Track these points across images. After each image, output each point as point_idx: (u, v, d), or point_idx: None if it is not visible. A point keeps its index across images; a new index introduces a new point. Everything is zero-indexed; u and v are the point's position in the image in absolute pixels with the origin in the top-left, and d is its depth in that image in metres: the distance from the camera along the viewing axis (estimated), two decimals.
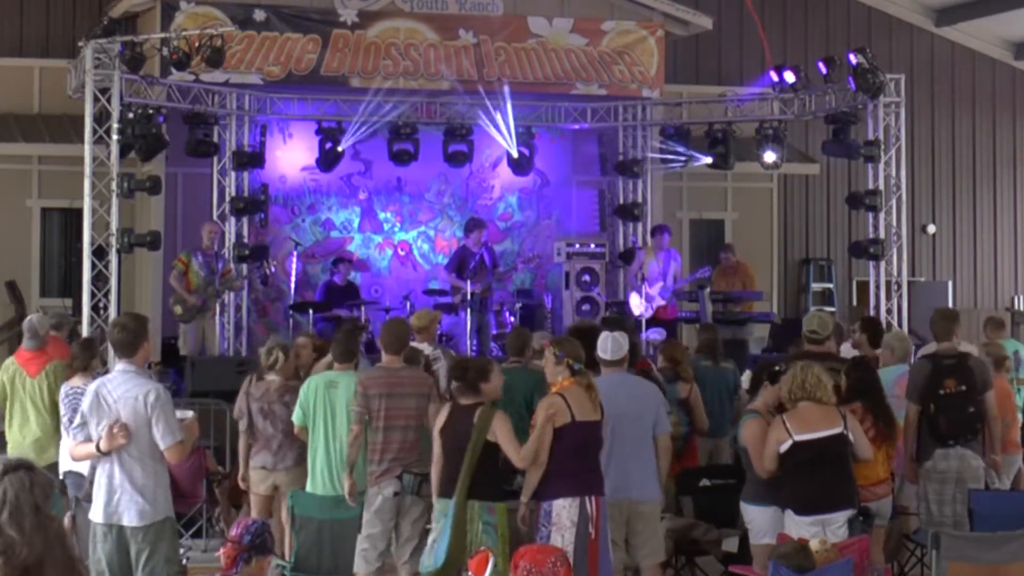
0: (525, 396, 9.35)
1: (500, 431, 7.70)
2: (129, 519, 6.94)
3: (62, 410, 9.20)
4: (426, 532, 8.48)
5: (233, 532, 5.95)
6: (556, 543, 7.34)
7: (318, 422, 8.92)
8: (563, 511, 7.56)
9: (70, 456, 7.89)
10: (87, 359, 9.51)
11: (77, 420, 7.33)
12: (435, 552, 7.68)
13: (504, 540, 7.71)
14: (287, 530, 9.54)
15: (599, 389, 7.95)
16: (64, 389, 9.32)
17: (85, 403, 7.11)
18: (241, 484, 9.83)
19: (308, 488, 9.00)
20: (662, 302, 16.58)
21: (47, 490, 2.77)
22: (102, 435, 6.95)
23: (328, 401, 8.92)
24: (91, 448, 7.04)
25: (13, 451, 10.19)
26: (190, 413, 7.35)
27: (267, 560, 6.00)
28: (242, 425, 9.66)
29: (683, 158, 17.92)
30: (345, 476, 8.57)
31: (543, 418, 7.67)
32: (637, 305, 16.88)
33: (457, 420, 7.80)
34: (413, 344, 10.47)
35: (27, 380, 10.00)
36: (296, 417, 9.11)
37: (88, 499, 7.16)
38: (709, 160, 17.91)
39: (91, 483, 7.17)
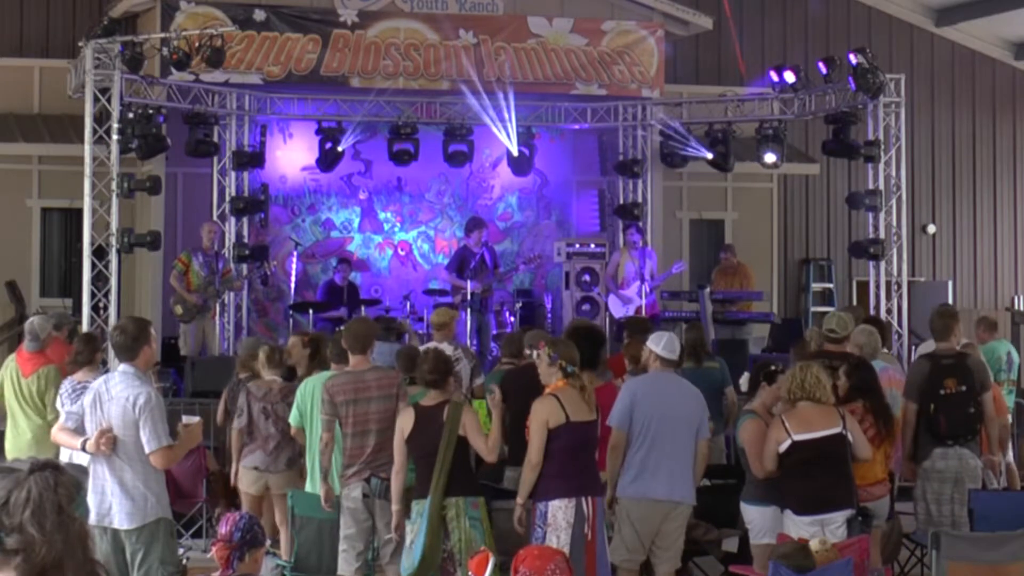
0: None
1: (469, 425, 7.82)
2: (120, 522, 6.95)
3: (67, 404, 9.20)
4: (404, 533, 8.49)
5: (222, 530, 5.91)
6: (551, 544, 7.34)
7: (315, 423, 8.92)
8: (559, 512, 7.56)
9: (51, 436, 7.83)
10: (90, 354, 9.51)
11: (75, 407, 7.34)
12: (412, 553, 7.69)
13: (488, 534, 7.76)
14: (282, 530, 9.58)
15: (651, 385, 8.11)
16: (68, 384, 9.32)
17: (87, 398, 7.14)
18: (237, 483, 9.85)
19: (307, 488, 9.01)
20: (640, 302, 16.59)
21: (71, 491, 2.77)
22: (91, 437, 6.97)
23: None
24: (75, 442, 7.06)
25: (11, 450, 10.22)
26: (196, 419, 7.33)
27: (261, 551, 5.98)
28: (239, 423, 9.65)
29: (690, 148, 17.83)
30: (320, 482, 8.58)
31: (537, 420, 7.67)
32: (616, 307, 16.92)
33: (425, 423, 7.82)
34: (433, 344, 10.49)
35: (20, 380, 10.05)
36: (293, 419, 9.13)
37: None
38: (710, 156, 17.88)
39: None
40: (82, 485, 2.83)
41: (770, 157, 17.53)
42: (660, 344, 8.33)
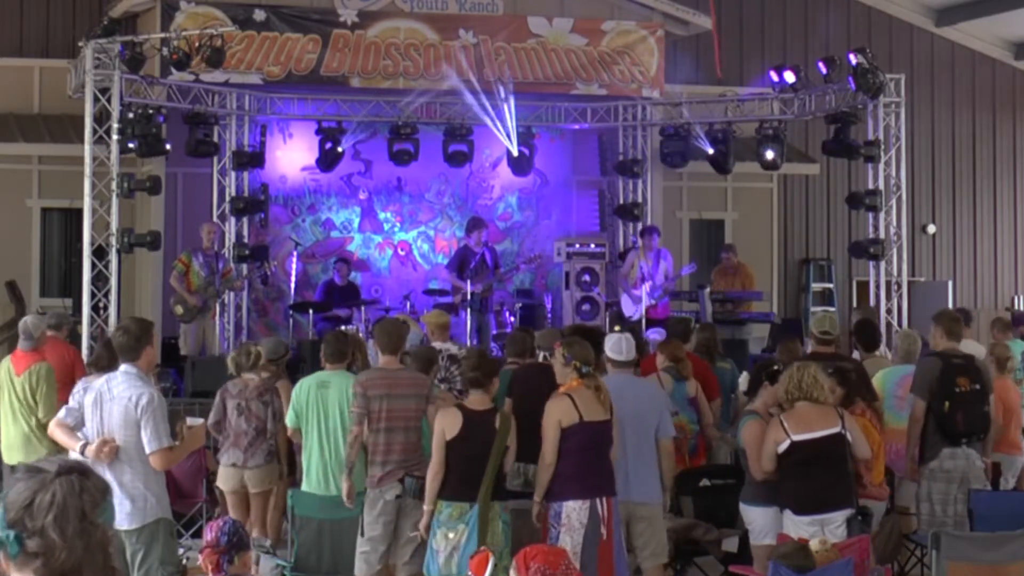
0: None
1: (513, 437, 7.85)
2: (120, 522, 6.94)
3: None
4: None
5: (208, 537, 5.95)
6: (565, 544, 7.35)
7: (311, 423, 8.93)
8: (573, 512, 7.57)
9: (48, 431, 7.77)
10: (111, 359, 9.50)
11: (74, 403, 7.32)
12: (460, 559, 7.63)
13: (510, 539, 7.80)
14: (268, 527, 9.61)
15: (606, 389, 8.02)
16: (81, 384, 9.32)
17: (89, 397, 7.11)
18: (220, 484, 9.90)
19: (303, 488, 9.01)
20: (651, 302, 16.59)
21: (96, 497, 2.75)
22: (92, 442, 6.95)
23: (320, 401, 8.94)
24: (74, 443, 7.05)
25: (4, 449, 10.23)
26: (199, 420, 7.34)
27: (248, 555, 6.02)
28: (210, 420, 9.63)
29: (695, 141, 17.81)
30: (344, 478, 8.51)
31: (550, 420, 7.68)
32: (627, 306, 16.92)
33: (474, 428, 7.80)
34: (436, 344, 10.51)
35: (14, 378, 10.09)
36: (289, 420, 9.14)
37: None
38: (711, 151, 17.87)
39: None
40: (109, 490, 2.81)
41: (770, 155, 17.52)
42: (608, 346, 8.34)
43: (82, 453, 7.00)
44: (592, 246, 18.27)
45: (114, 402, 6.98)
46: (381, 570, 8.40)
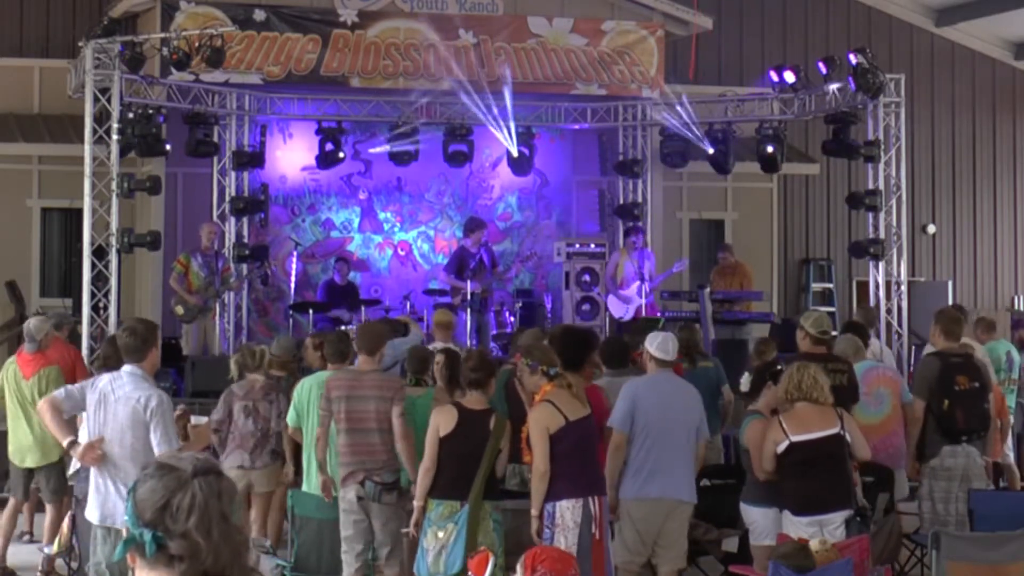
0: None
1: (506, 440, 7.86)
2: (122, 522, 6.94)
3: None
4: (400, 535, 8.43)
5: None
6: (559, 544, 7.34)
7: (312, 422, 8.93)
8: (567, 512, 7.55)
9: (38, 408, 7.65)
10: (120, 358, 9.49)
11: (74, 387, 7.28)
12: (447, 558, 7.64)
13: (502, 538, 7.80)
14: (269, 528, 9.61)
15: (651, 386, 8.13)
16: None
17: (93, 396, 7.08)
18: None
19: (304, 488, 9.01)
20: (640, 302, 16.59)
21: (231, 498, 2.74)
22: (80, 444, 6.94)
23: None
24: (61, 436, 7.04)
25: (14, 452, 10.23)
26: (203, 419, 7.33)
27: None
28: (213, 420, 9.62)
29: (695, 139, 17.82)
30: (317, 473, 8.63)
31: (538, 428, 7.65)
32: (616, 308, 16.92)
33: (469, 427, 7.81)
34: (438, 344, 10.51)
35: (22, 382, 10.08)
36: (290, 419, 9.14)
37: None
38: (711, 151, 17.87)
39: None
40: (237, 490, 2.80)
41: (770, 152, 17.49)
42: (655, 345, 8.34)
43: (68, 448, 6.99)
44: (592, 246, 18.27)
45: (119, 403, 6.95)
46: (361, 568, 8.38)
